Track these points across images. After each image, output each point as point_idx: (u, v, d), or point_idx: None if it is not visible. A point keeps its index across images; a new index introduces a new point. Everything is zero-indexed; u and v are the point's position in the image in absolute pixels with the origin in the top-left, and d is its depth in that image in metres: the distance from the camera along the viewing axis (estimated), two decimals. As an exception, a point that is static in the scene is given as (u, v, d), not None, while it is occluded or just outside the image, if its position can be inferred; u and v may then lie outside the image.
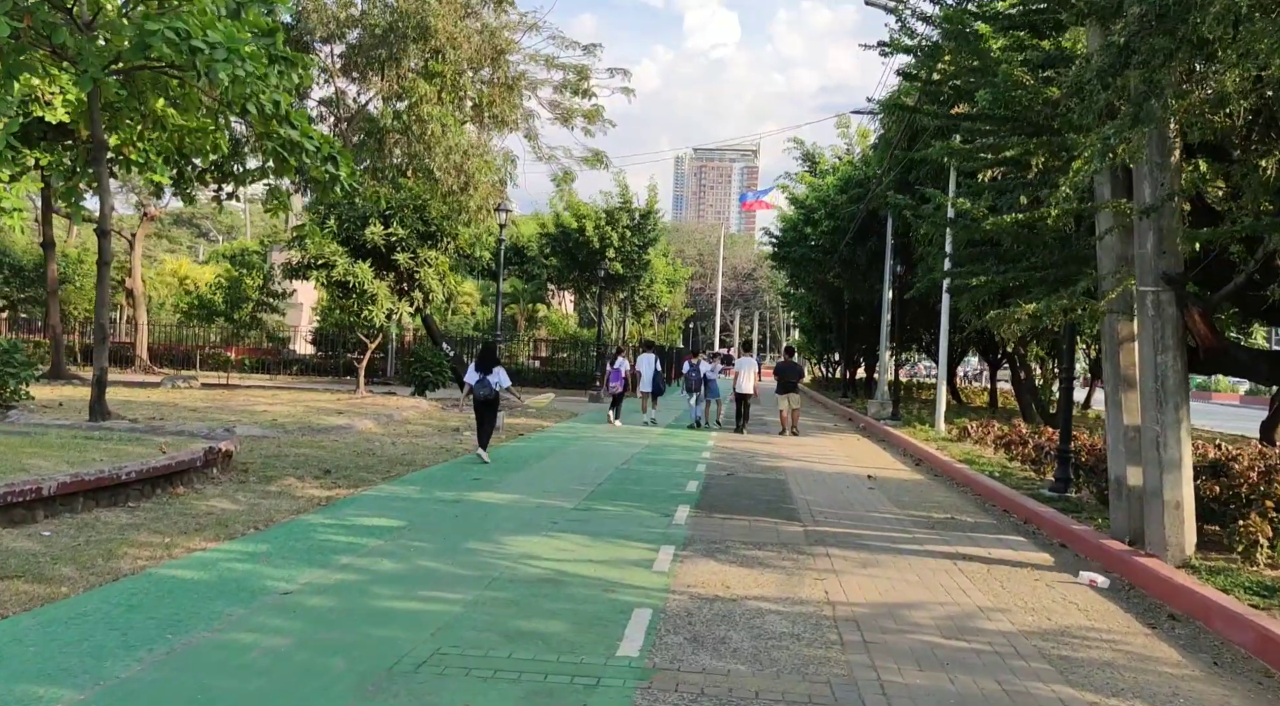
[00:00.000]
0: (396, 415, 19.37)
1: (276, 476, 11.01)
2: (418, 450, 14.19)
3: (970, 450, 16.54)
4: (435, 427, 18.00)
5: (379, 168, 22.24)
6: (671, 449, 16.44)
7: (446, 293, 23.77)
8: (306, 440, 14.52)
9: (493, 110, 23.67)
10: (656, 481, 12.14)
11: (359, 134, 23.04)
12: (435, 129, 21.61)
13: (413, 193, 22.53)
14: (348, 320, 23.49)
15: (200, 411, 17.42)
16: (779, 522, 9.57)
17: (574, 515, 9.46)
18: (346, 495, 10.10)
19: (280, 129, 14.11)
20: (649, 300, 49.10)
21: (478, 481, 11.39)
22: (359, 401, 21.72)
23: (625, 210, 36.72)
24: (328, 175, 14.63)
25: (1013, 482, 12.48)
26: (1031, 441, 13.93)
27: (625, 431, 19.49)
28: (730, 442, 18.14)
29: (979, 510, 11.19)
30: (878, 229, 28.09)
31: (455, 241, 23.32)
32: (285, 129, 14.19)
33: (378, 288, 21.95)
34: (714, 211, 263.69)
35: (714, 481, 12.37)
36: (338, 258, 21.71)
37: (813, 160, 33.10)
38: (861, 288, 31.53)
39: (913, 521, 10.09)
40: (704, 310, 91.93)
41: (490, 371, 13.05)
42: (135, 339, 34.66)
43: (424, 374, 25.00)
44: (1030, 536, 9.56)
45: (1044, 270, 10.22)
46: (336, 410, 19.11)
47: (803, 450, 17.39)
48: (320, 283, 22.14)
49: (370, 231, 21.94)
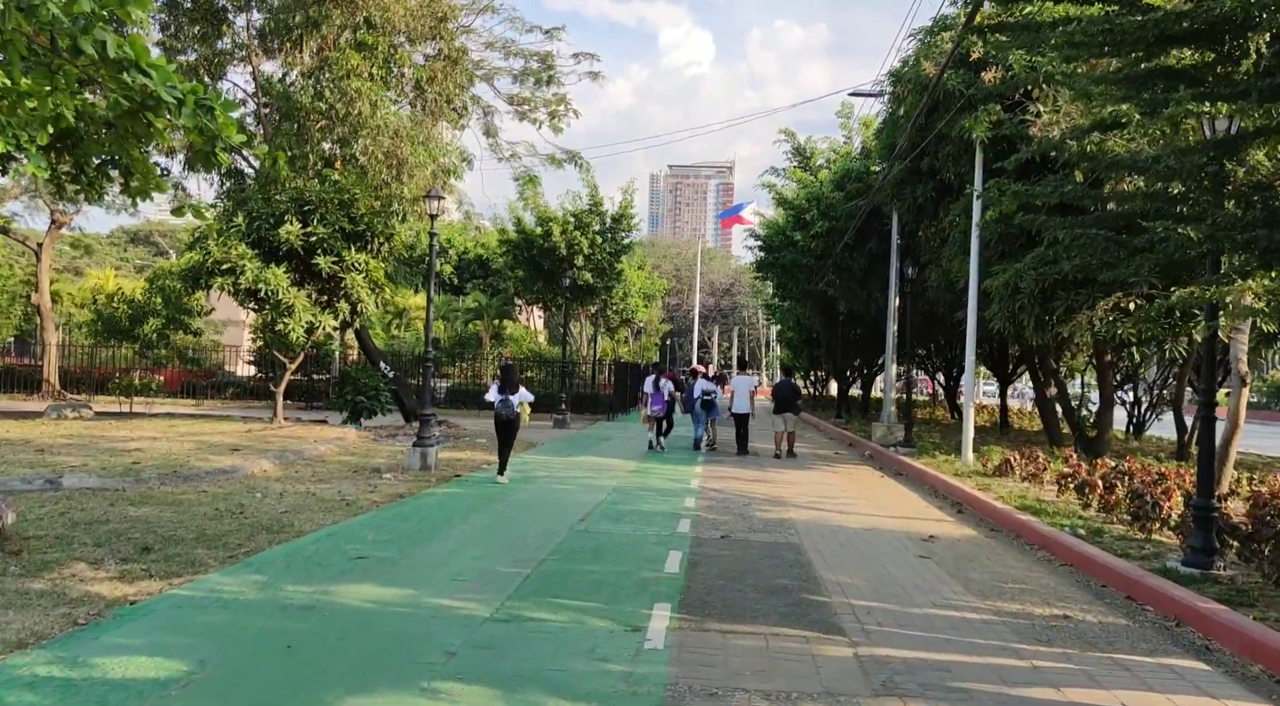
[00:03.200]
0: (309, 451, 15.75)
1: (61, 560, 7.42)
2: (305, 506, 10.61)
3: (1022, 491, 13.16)
4: (351, 468, 14.41)
5: (297, 156, 18.67)
6: (645, 494, 12.92)
7: (381, 303, 20.21)
8: (159, 494, 10.89)
9: (435, 88, 20.17)
10: (623, 553, 8.64)
11: (279, 118, 19.45)
12: (363, 108, 18.08)
13: (337, 185, 18.98)
14: (265, 336, 19.85)
15: (47, 452, 13.75)
16: (812, 638, 6.10)
17: (487, 635, 5.93)
18: (148, 595, 6.55)
19: (125, 76, 10.56)
20: (623, 314, 45.70)
21: (361, 563, 7.83)
22: (271, 433, 18.07)
23: (596, 214, 33.28)
24: (201, 134, 11.05)
25: (1116, 548, 9.07)
26: (1123, 485, 10.55)
27: (587, 468, 15.96)
28: (719, 481, 14.67)
29: (1088, 595, 7.76)
30: (879, 228, 24.83)
31: (390, 243, 19.78)
32: (133, 76, 10.64)
33: (294, 297, 18.33)
34: (690, 228, 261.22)
35: (704, 551, 8.88)
36: (245, 261, 18.09)
37: (804, 154, 29.79)
38: (859, 296, 28.24)
39: (1009, 625, 6.65)
40: (681, 326, 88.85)
41: (514, 391, 13.38)
42: (45, 361, 30.76)
43: (358, 399, 21.38)
44: (1204, 656, 6.13)
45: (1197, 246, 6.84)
46: (234, 446, 15.48)
47: (809, 490, 13.94)
48: (226, 292, 18.49)
49: (285, 231, 18.35)
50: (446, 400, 32.33)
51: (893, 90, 18.51)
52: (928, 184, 19.52)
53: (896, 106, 19.66)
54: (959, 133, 16.37)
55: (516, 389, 13.52)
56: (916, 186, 19.70)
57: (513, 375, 13.84)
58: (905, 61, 18.05)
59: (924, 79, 16.36)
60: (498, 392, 13.48)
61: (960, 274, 18.06)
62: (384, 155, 18.42)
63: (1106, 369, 18.82)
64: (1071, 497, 12.03)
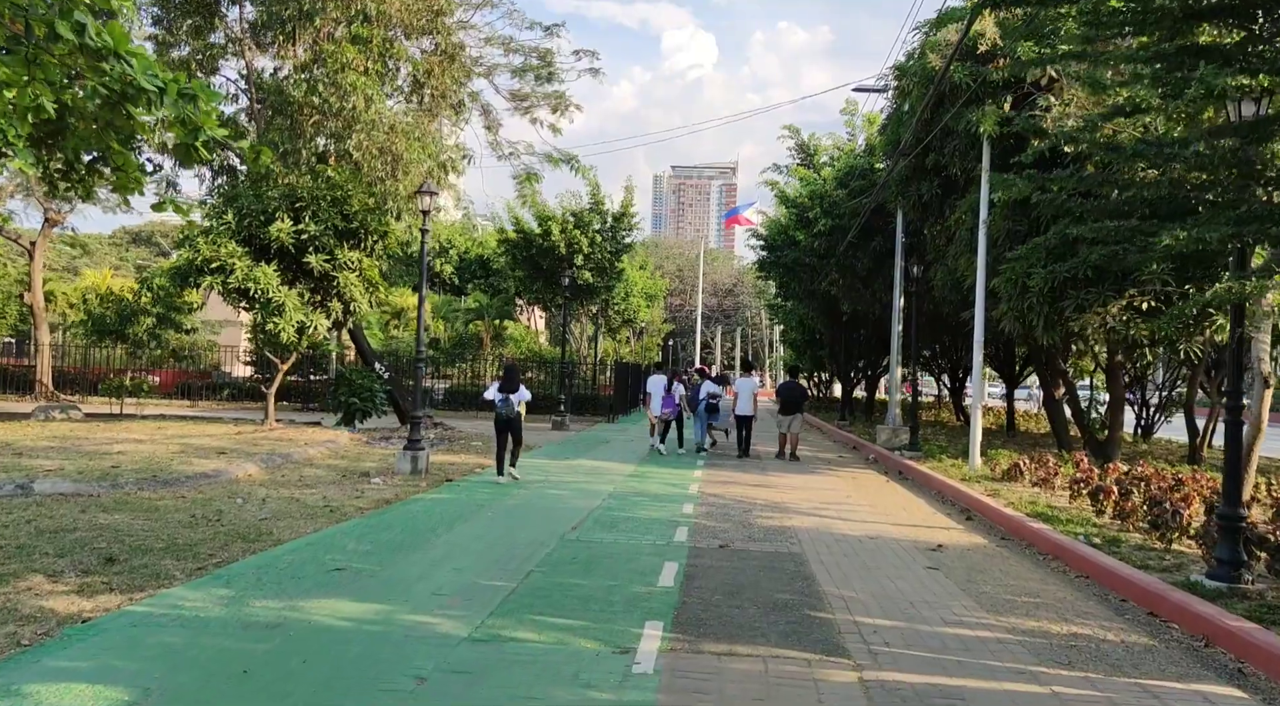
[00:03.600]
0: (298, 455, 15.33)
1: (18, 572, 7.00)
2: (287, 512, 10.18)
3: (1033, 497, 12.70)
4: (340, 472, 13.98)
5: (289, 151, 18.24)
6: (642, 500, 12.48)
7: (375, 302, 19.79)
8: (135, 500, 10.47)
9: (432, 83, 19.73)
10: (615, 565, 8.20)
11: (271, 113, 19.02)
12: (358, 103, 17.65)
13: (331, 182, 18.56)
14: (258, 337, 19.44)
15: (25, 455, 13.35)
16: (815, 661, 5.65)
17: (463, 658, 5.50)
18: (104, 611, 6.13)
19: (104, 65, 10.15)
20: (625, 314, 45.26)
21: (338, 575, 7.41)
22: (262, 436, 17.66)
23: (597, 212, 32.82)
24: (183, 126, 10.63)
25: (1134, 559, 8.61)
26: (1139, 491, 10.09)
27: (584, 472, 15.53)
28: (720, 486, 14.22)
29: (1107, 610, 7.31)
30: (884, 226, 24.37)
31: (384, 241, 19.35)
32: (112, 64, 10.23)
33: (285, 296, 17.91)
34: (693, 229, 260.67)
35: (701, 562, 8.44)
36: (235, 260, 17.67)
37: (808, 151, 29.31)
38: (862, 296, 27.78)
39: (1026, 645, 6.21)
40: (683, 327, 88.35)
41: (514, 390, 13.35)
42: (38, 361, 30.38)
43: (351, 401, 20.97)
44: (1239, 681, 5.68)
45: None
46: (221, 449, 15.07)
47: (813, 496, 13.49)
48: (216, 291, 18.07)
49: (276, 228, 17.93)
50: (444, 402, 31.89)
51: (897, 84, 18.05)
52: (933, 180, 19.08)
53: (901, 101, 19.21)
54: (965, 127, 15.93)
55: (517, 388, 13.47)
56: (921, 183, 19.26)
57: (514, 374, 13.83)
58: (910, 54, 17.61)
59: (930, 71, 15.92)
60: (497, 391, 13.41)
61: (967, 273, 17.60)
62: (379, 151, 17.99)
63: (1117, 370, 18.34)
64: (1085, 504, 11.57)
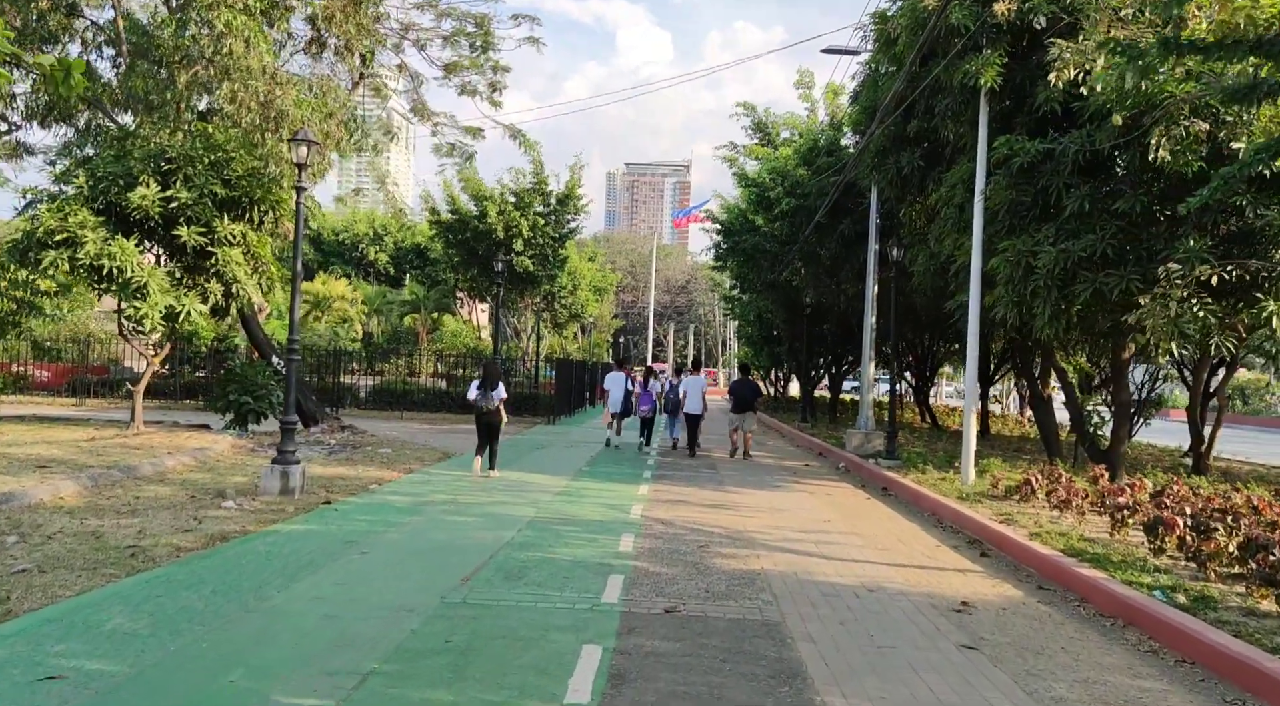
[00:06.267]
0: (148, 468, 12.35)
1: None
2: (67, 558, 7.29)
3: (1053, 522, 10.21)
4: (191, 491, 11.04)
5: (157, 104, 15.20)
6: (568, 530, 9.74)
7: (266, 285, 16.81)
8: None
9: (335, 30, 16.80)
10: (505, 656, 5.45)
11: (130, 57, 15.92)
12: (235, 45, 14.65)
13: (210, 141, 15.56)
14: (120, 325, 16.38)
15: None
16: None
17: None
18: None
19: None
20: (572, 309, 42.49)
21: (45, 697, 4.59)
22: (120, 442, 14.61)
23: (539, 193, 29.98)
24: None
25: (1253, 633, 6.10)
26: (1224, 527, 7.58)
27: (503, 489, 12.73)
28: (668, 507, 11.54)
29: (1254, 730, 4.79)
30: (853, 207, 21.92)
31: (277, 212, 16.37)
32: None
33: (149, 275, 14.88)
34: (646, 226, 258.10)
35: (637, 644, 5.74)
36: (86, 231, 14.60)
37: (765, 129, 26.76)
38: (827, 287, 25.37)
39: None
40: (635, 324, 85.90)
41: (494, 387, 13.59)
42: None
43: (243, 400, 17.91)
44: None
45: None
46: (49, 461, 12.06)
47: (782, 521, 10.88)
48: (61, 269, 14.96)
49: (140, 195, 14.88)
50: (370, 401, 28.87)
51: (877, 34, 15.50)
52: (914, 151, 16.62)
53: (879, 58, 16.71)
54: (961, 80, 13.46)
55: (496, 385, 13.71)
56: (901, 154, 16.76)
57: (493, 372, 14.13)
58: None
59: (922, 11, 13.40)
60: (477, 389, 13.74)
61: (956, 254, 15.17)
62: (259, 104, 15.00)
63: (1123, 369, 16.05)
64: (1128, 535, 9.13)
